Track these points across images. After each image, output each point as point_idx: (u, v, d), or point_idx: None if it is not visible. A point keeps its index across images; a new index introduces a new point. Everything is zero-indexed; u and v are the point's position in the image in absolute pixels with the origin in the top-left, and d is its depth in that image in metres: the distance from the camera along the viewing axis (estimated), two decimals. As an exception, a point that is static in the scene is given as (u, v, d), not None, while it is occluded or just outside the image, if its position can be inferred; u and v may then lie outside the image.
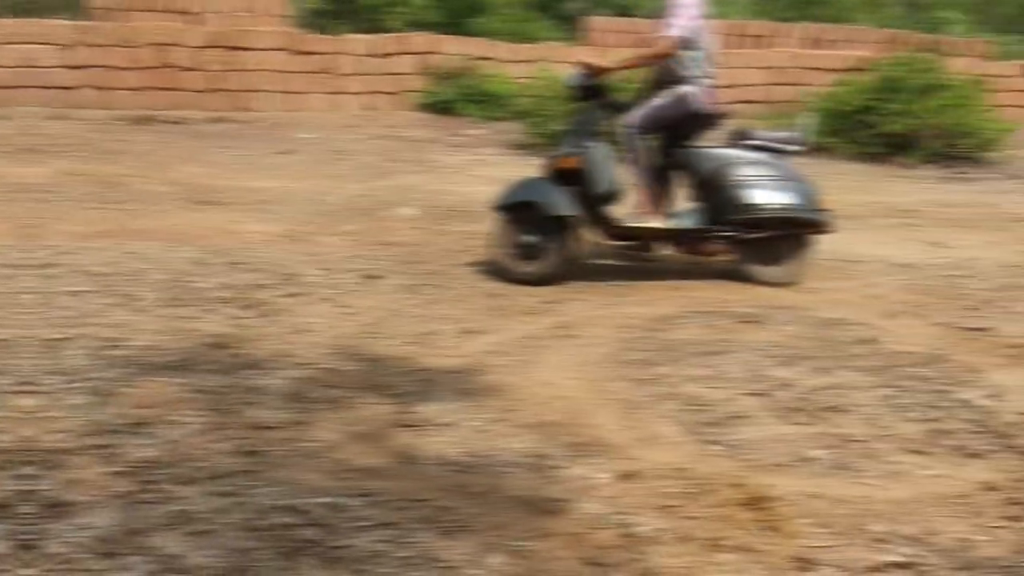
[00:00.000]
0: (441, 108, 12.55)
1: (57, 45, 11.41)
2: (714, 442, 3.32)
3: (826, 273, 5.68)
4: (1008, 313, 4.99)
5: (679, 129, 5.39)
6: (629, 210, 5.45)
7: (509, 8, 17.12)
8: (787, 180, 5.29)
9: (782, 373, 4.00)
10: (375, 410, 3.54)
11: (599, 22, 16.63)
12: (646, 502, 2.87)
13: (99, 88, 11.62)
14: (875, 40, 18.18)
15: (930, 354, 4.27)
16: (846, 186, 9.02)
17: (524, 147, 10.47)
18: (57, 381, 3.65)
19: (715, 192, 5.30)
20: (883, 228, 7.16)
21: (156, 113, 11.45)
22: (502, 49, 13.25)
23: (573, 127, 5.50)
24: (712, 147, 5.48)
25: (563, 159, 5.33)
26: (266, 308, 4.69)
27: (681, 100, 5.28)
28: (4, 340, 4.03)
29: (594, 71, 5.32)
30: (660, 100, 5.32)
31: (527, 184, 5.45)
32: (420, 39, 12.92)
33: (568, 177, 5.30)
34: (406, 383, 3.79)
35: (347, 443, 3.26)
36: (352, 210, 7.21)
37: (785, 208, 5.25)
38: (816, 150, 10.62)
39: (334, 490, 2.91)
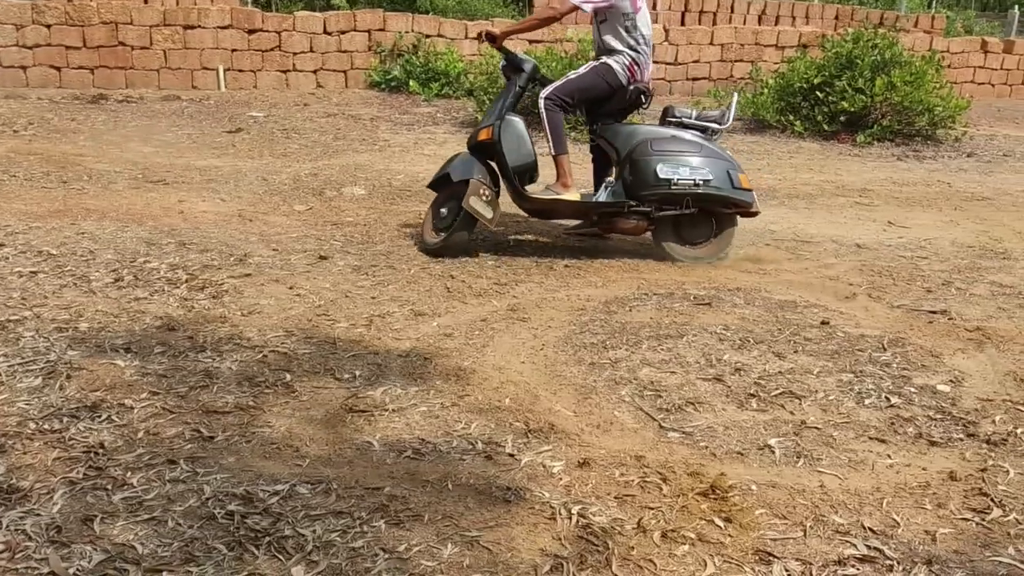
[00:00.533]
0: (391, 86, 12.43)
1: (10, 24, 11.19)
2: (671, 429, 3.29)
3: (779, 254, 5.68)
4: (966, 295, 4.99)
5: (602, 103, 5.44)
6: (545, 184, 5.51)
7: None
8: (705, 157, 5.26)
9: (737, 357, 3.97)
10: (327, 395, 3.46)
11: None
12: (603, 491, 2.83)
13: (52, 67, 11.46)
14: (828, 15, 18.31)
15: (888, 338, 4.26)
16: (798, 164, 9.08)
17: (474, 125, 10.37)
18: (8, 363, 3.58)
19: (631, 167, 5.30)
20: (836, 207, 7.19)
21: (109, 92, 11.27)
22: (451, 26, 13.13)
23: (495, 101, 5.59)
24: (633, 124, 5.57)
25: (480, 131, 5.42)
26: (217, 289, 4.58)
27: (600, 73, 5.32)
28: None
29: (492, 37, 5.42)
30: (577, 72, 5.40)
31: (451, 160, 5.58)
32: (369, 16, 12.75)
33: (486, 150, 5.39)
34: (358, 367, 3.72)
35: (298, 428, 3.20)
36: (302, 189, 7.09)
37: (700, 185, 5.23)
38: (767, 127, 10.71)
39: (285, 477, 2.85)
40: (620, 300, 4.72)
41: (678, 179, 5.21)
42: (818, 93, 10.52)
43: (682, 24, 16.65)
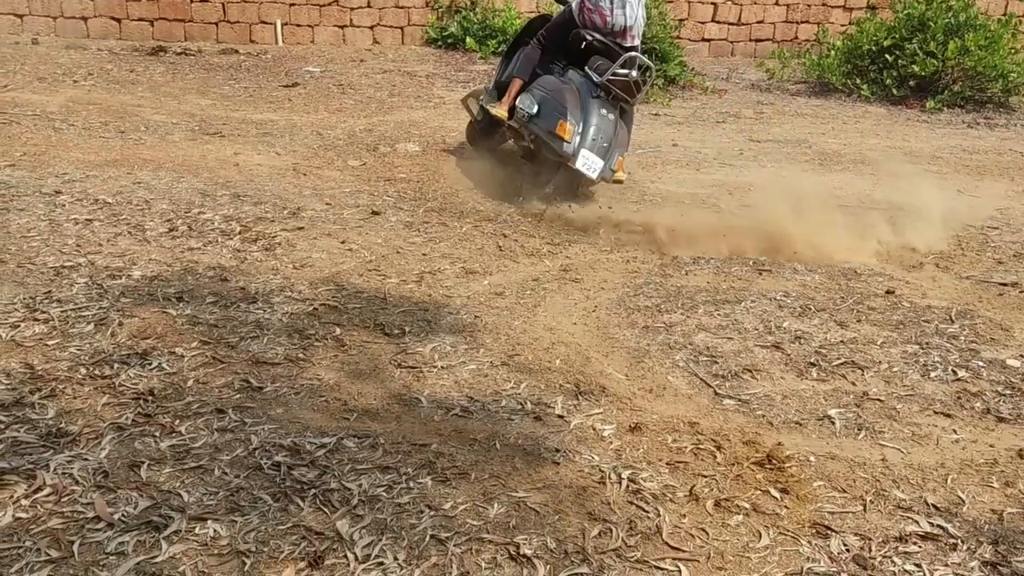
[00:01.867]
0: (448, 43, 12.30)
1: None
2: (726, 396, 3.19)
3: (846, 221, 5.50)
4: (1035, 267, 4.80)
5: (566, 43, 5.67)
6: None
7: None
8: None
9: (797, 325, 3.85)
10: (376, 349, 3.43)
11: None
12: (654, 456, 2.75)
13: (113, 18, 11.56)
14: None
15: (956, 309, 4.10)
16: (865, 129, 8.81)
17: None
18: (62, 309, 3.59)
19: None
20: (903, 175, 6.94)
21: (168, 44, 11.33)
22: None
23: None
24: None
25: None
26: (270, 242, 4.56)
27: (563, 14, 5.69)
28: (12, 269, 3.95)
29: None
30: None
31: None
32: (429, -30, 12.62)
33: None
34: (408, 322, 3.67)
35: (347, 382, 3.16)
36: (356, 145, 7.04)
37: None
38: (833, 91, 10.39)
39: (333, 430, 2.82)
40: (676, 263, 4.60)
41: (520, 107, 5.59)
42: (887, 56, 10.18)
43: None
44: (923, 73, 9.90)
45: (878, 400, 3.19)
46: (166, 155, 6.30)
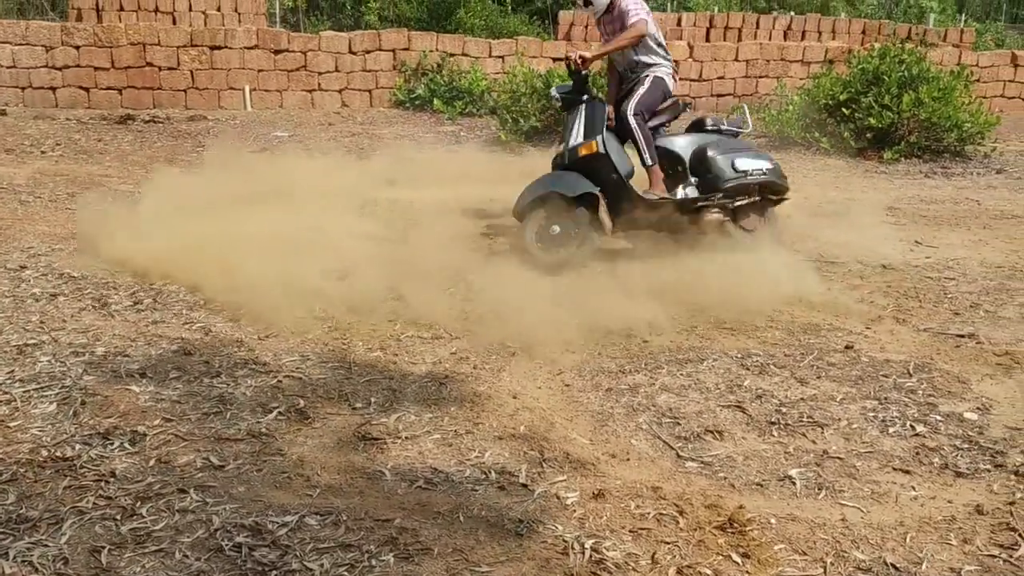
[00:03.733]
0: (416, 105, 12.49)
1: (40, 46, 11.38)
2: (689, 458, 3.22)
3: (804, 274, 5.58)
4: (995, 318, 4.88)
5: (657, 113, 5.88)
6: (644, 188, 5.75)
7: (483, 3, 17.09)
8: (757, 153, 5.95)
9: (758, 383, 3.90)
10: (340, 421, 3.43)
11: (567, 16, 16.57)
12: (618, 524, 2.77)
13: (81, 88, 11.62)
14: (855, 30, 18.19)
15: (913, 363, 4.16)
16: (824, 181, 8.97)
17: (498, 143, 10.37)
18: (24, 389, 3.59)
19: (706, 166, 5.78)
20: (863, 226, 7.06)
21: (136, 112, 11.39)
22: (475, 45, 13.18)
23: (571, 125, 5.74)
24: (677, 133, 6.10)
25: (580, 148, 5.63)
26: (234, 312, 4.56)
27: (659, 86, 5.78)
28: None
29: (584, 60, 5.62)
30: (645, 87, 5.75)
31: (544, 180, 5.74)
32: (394, 36, 12.83)
33: (587, 165, 5.63)
34: (372, 392, 3.68)
35: (311, 456, 3.16)
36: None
37: (766, 173, 5.79)
38: (792, 144, 10.60)
39: (295, 508, 2.82)
40: (640, 322, 4.64)
41: (752, 169, 5.73)
42: (844, 110, 10.40)
43: (707, 40, 16.60)
44: (879, 125, 10.11)
45: (838, 458, 3.23)
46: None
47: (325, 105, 12.46)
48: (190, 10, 15.48)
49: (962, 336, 4.54)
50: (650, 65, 5.78)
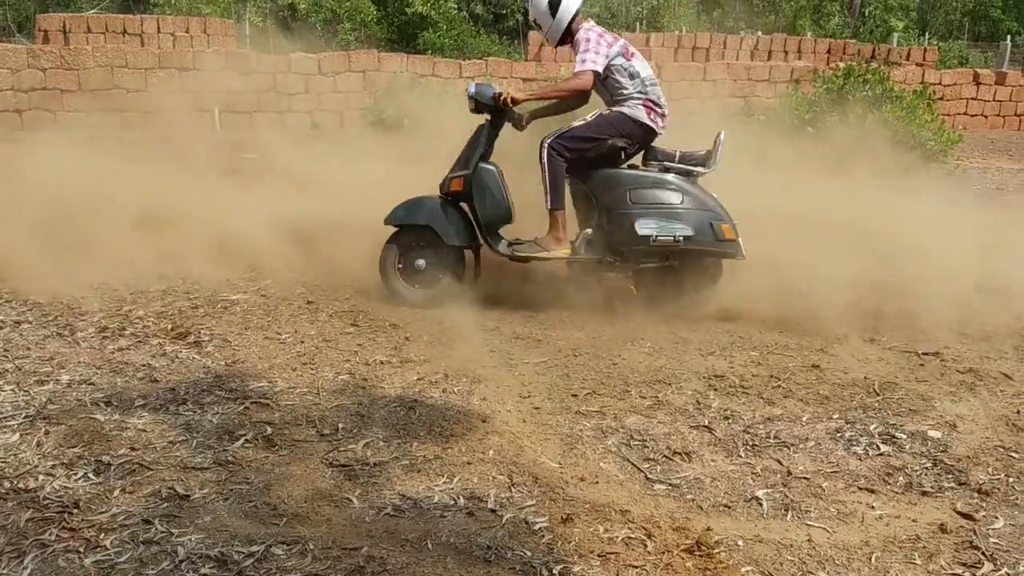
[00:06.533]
0: (387, 125, 12.51)
1: (6, 69, 11.29)
2: (657, 480, 3.23)
3: (769, 294, 5.62)
4: (959, 335, 4.94)
5: (616, 155, 5.22)
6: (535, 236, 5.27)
7: (454, 24, 17.20)
8: (687, 209, 5.03)
9: (726, 404, 3.92)
10: (307, 448, 3.41)
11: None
12: (586, 548, 2.77)
13: (47, 111, 11.53)
14: (820, 50, 18.45)
15: (879, 382, 4.21)
16: (790, 199, 9.03)
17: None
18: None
19: (610, 220, 5.11)
20: (829, 244, 7.12)
21: (105, 134, 11.30)
22: (446, 65, 13.24)
23: (469, 145, 5.28)
24: (615, 169, 5.22)
25: (452, 181, 5.20)
26: (201, 338, 4.54)
27: (612, 121, 5.14)
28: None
29: (515, 102, 5.13)
30: (584, 120, 5.19)
31: (421, 202, 5.27)
32: (364, 57, 12.87)
33: (459, 199, 5.22)
34: (340, 418, 3.66)
35: (277, 485, 3.14)
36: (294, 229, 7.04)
37: (681, 241, 5.02)
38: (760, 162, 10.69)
39: (261, 537, 2.79)
40: (608, 343, 4.67)
41: (658, 236, 5.00)
42: (809, 128, 10.53)
43: (675, 60, 16.76)
44: (847, 143, 10.24)
45: (804, 478, 3.25)
46: (98, 249, 6.22)
47: (296, 125, 12.44)
48: (159, 32, 15.44)
49: (927, 354, 4.60)
50: (616, 100, 5.17)
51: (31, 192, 7.02)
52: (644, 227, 5.00)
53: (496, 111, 5.20)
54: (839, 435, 3.62)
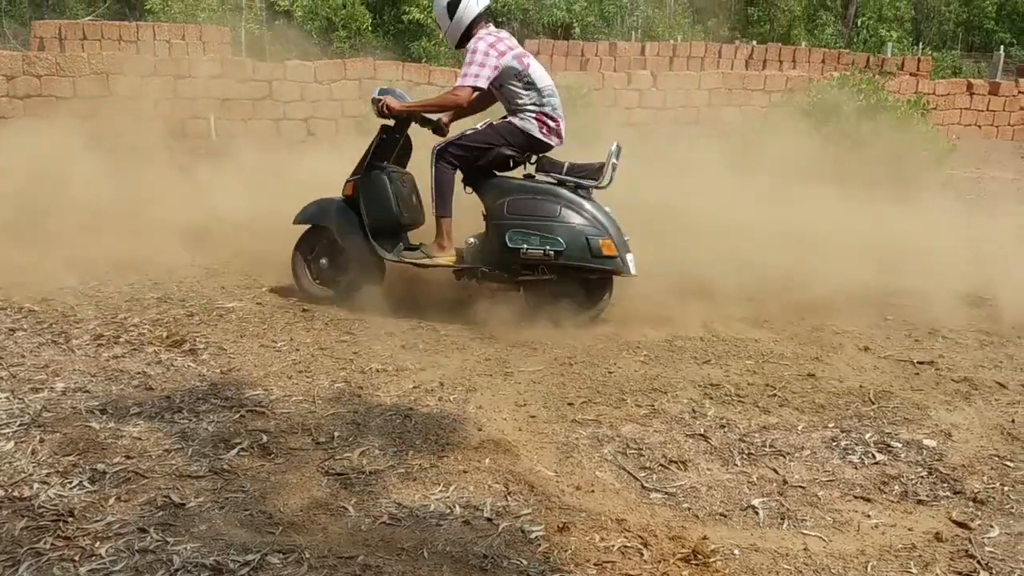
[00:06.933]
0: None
1: (1, 75, 11.28)
2: (653, 489, 3.23)
3: (764, 303, 5.63)
4: (955, 344, 4.96)
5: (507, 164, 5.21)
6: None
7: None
8: (561, 224, 4.96)
9: (722, 412, 3.93)
10: (303, 456, 3.40)
11: (532, 45, 16.75)
12: (582, 557, 2.77)
13: (43, 117, 11.51)
14: (815, 59, 18.52)
15: (874, 390, 4.22)
16: (787, 209, 9.05)
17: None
18: (-20, 426, 3.51)
19: (488, 231, 5.11)
20: (823, 254, 7.14)
21: (101, 141, 11.28)
22: (441, 74, 13.27)
23: (368, 149, 5.34)
24: (504, 178, 5.24)
25: (346, 185, 5.31)
26: (197, 346, 4.53)
27: (500, 131, 5.11)
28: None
29: (391, 111, 5.15)
30: (474, 129, 5.18)
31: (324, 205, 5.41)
32: (360, 65, 12.88)
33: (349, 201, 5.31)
34: (336, 426, 3.66)
35: (273, 493, 3.13)
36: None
37: (551, 256, 4.95)
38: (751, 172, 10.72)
39: (257, 546, 2.79)
40: (604, 351, 4.67)
41: (527, 249, 4.96)
42: (805, 137, 10.55)
43: (670, 69, 16.81)
44: (840, 152, 10.27)
45: (800, 487, 3.26)
46: (93, 256, 6.21)
47: (291, 134, 12.44)
48: (154, 39, 15.45)
49: (922, 363, 4.62)
50: (512, 109, 5.12)
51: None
52: (515, 239, 4.98)
53: (400, 119, 5.25)
54: (835, 444, 3.63)
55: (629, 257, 5.02)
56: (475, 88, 4.99)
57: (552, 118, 5.13)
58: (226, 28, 18.10)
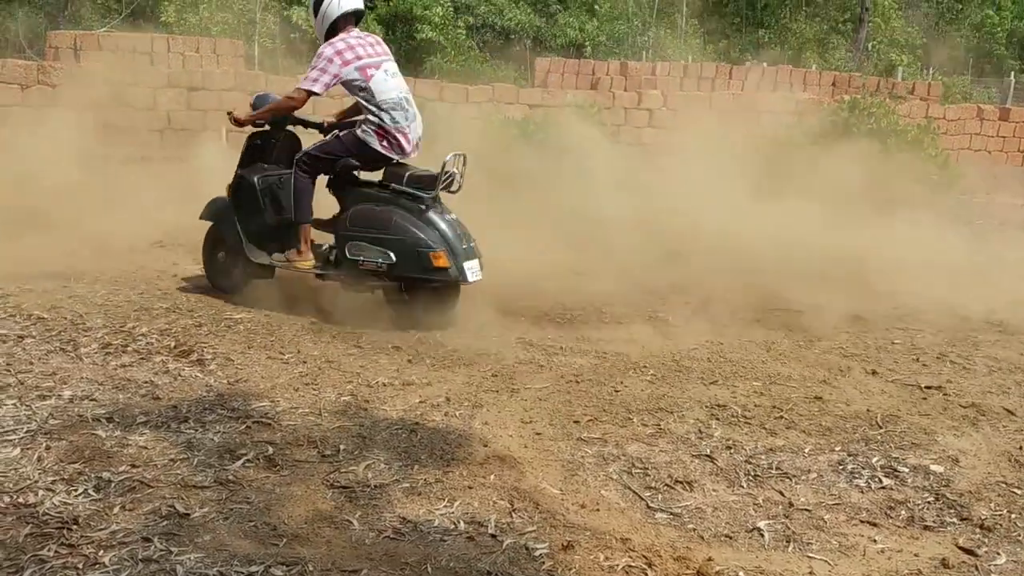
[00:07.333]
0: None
1: (16, 84, 11.35)
2: (658, 509, 3.22)
3: (774, 328, 5.63)
4: (962, 369, 4.95)
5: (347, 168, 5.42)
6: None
7: (462, 50, 17.35)
8: (394, 236, 5.13)
9: (728, 433, 3.91)
10: (308, 469, 3.40)
11: (544, 63, 16.79)
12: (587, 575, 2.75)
13: (57, 126, 11.58)
14: (825, 82, 18.53)
15: (881, 414, 4.20)
16: (795, 231, 9.05)
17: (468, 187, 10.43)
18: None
19: (335, 238, 5.39)
20: (830, 277, 7.14)
21: (114, 152, 11.33)
22: (452, 91, 13.31)
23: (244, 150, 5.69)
24: (358, 187, 5.46)
25: (228, 186, 5.63)
26: (204, 356, 4.54)
27: (345, 141, 5.31)
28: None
29: (237, 121, 5.48)
30: (323, 141, 5.46)
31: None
32: (371, 80, 12.94)
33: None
34: (342, 439, 3.66)
35: (277, 505, 3.13)
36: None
37: (384, 267, 5.17)
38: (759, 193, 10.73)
39: (260, 558, 2.78)
40: (610, 369, 4.67)
41: (364, 260, 5.19)
42: (813, 159, 10.56)
43: (681, 90, 16.84)
44: (851, 175, 10.27)
45: (806, 510, 3.24)
46: (103, 266, 6.25)
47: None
48: (168, 51, 15.53)
49: (929, 388, 4.61)
50: (360, 120, 5.31)
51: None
52: (352, 251, 5.22)
53: (275, 121, 5.56)
54: (841, 467, 3.62)
55: (468, 265, 5.17)
56: (310, 93, 5.19)
57: (393, 132, 5.24)
58: (240, 41, 18.19)
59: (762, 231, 8.94)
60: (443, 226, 5.18)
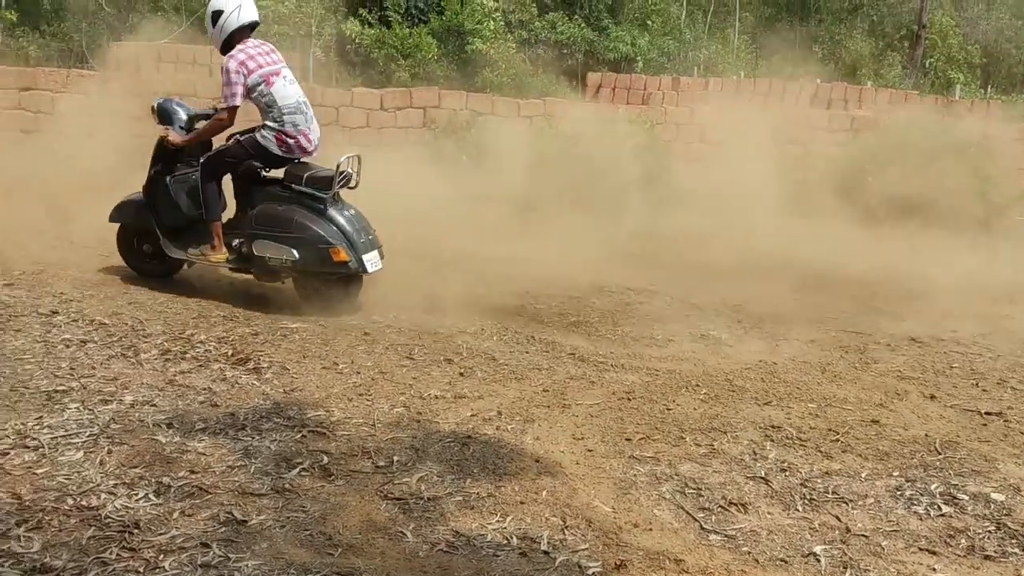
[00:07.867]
0: (448, 161, 12.61)
1: (81, 94, 11.64)
2: (712, 530, 3.19)
3: (828, 349, 5.57)
4: (1023, 395, 4.84)
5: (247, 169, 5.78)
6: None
7: (513, 64, 17.40)
8: (297, 235, 5.54)
9: (784, 455, 3.87)
10: (363, 479, 3.43)
11: (595, 77, 16.76)
12: (639, 596, 2.75)
13: (117, 135, 11.86)
14: (881, 100, 18.26)
15: (940, 440, 4.13)
16: (849, 251, 8.94)
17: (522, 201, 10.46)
18: (52, 435, 3.60)
19: (244, 235, 5.72)
20: (888, 298, 7.05)
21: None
22: (504, 104, 13.35)
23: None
24: (263, 186, 5.84)
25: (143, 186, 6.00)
26: (261, 365, 4.60)
27: (244, 144, 5.68)
28: (5, 392, 3.98)
29: (174, 145, 5.83)
30: (225, 144, 5.80)
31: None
32: (425, 93, 13.02)
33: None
34: (395, 451, 3.69)
35: (333, 514, 3.16)
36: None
37: (288, 264, 5.61)
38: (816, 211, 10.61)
39: (316, 567, 2.82)
40: (663, 386, 4.65)
41: (270, 257, 5.62)
42: (869, 178, 10.45)
43: (733, 105, 16.72)
44: (907, 195, 10.14)
45: (863, 536, 3.20)
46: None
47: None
48: (226, 62, 15.80)
49: (990, 414, 4.52)
50: (261, 123, 5.69)
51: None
52: (259, 248, 5.65)
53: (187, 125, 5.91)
54: (899, 493, 3.56)
55: (368, 257, 5.61)
56: (234, 108, 5.60)
57: (292, 136, 5.68)
58: (295, 53, 18.45)
59: (817, 249, 8.85)
60: (342, 222, 5.61)
